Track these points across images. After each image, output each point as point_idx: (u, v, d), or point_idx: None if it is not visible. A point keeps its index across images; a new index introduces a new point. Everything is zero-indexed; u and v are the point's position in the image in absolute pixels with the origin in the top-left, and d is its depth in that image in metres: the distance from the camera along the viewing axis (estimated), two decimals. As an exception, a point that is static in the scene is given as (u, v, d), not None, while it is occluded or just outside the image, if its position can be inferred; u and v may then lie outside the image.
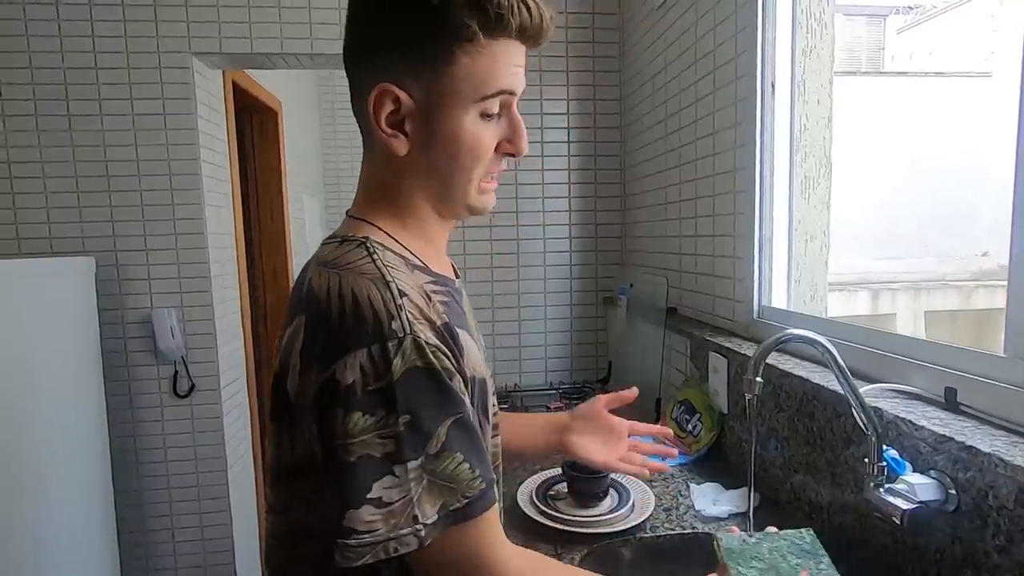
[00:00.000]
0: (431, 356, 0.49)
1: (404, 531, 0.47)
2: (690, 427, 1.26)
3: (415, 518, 0.47)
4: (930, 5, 6.73)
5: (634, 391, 0.89)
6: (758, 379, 0.67)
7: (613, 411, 0.88)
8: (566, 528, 0.95)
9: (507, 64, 0.54)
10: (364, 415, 0.47)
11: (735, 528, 0.75)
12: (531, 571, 0.56)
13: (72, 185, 1.74)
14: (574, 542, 0.93)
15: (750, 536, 0.68)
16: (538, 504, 1.00)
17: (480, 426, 0.56)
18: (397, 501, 0.47)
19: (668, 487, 1.12)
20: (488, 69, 0.53)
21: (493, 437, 0.64)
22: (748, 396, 0.67)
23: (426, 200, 0.60)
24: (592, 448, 0.84)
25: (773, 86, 1.15)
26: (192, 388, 1.83)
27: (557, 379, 1.99)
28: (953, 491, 0.64)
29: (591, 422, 0.86)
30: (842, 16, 7.36)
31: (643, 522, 0.97)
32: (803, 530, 0.67)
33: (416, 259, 0.58)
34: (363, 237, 0.56)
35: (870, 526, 0.78)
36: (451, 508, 0.49)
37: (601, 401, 0.87)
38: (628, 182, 1.94)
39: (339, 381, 0.48)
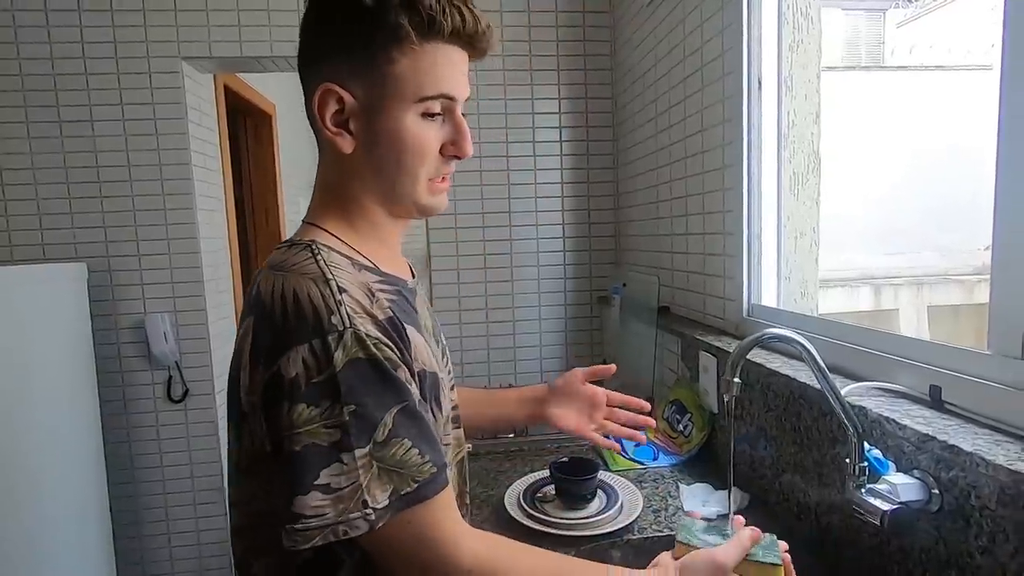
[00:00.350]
0: (372, 347, 0.51)
1: (354, 515, 0.49)
2: (681, 427, 1.25)
3: (365, 503, 0.49)
4: (929, -2, 6.70)
5: (612, 367, 0.93)
6: (736, 379, 0.66)
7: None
8: (554, 531, 0.94)
9: (446, 67, 0.57)
10: (308, 407, 0.49)
11: (696, 512, 0.76)
12: (486, 551, 0.56)
13: (64, 191, 1.75)
14: (562, 545, 0.92)
15: (711, 523, 0.71)
16: (525, 507, 0.99)
17: (433, 416, 0.59)
18: (346, 487, 0.49)
19: (658, 488, 1.11)
20: (426, 71, 0.56)
21: (456, 429, 0.68)
22: (726, 397, 0.66)
23: (375, 201, 0.62)
24: (568, 418, 0.88)
25: (760, 82, 1.14)
26: (186, 393, 1.83)
27: (552, 378, 1.97)
28: (936, 491, 0.63)
29: (568, 393, 0.89)
30: (841, 11, 7.34)
31: (631, 523, 0.96)
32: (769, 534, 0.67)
33: (365, 260, 0.60)
34: (309, 240, 0.58)
35: (856, 527, 0.77)
36: (402, 493, 0.51)
37: (579, 373, 0.90)
38: (621, 180, 1.93)
39: (283, 376, 0.50)
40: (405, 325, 0.57)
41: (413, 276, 0.71)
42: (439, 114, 0.59)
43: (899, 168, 5.47)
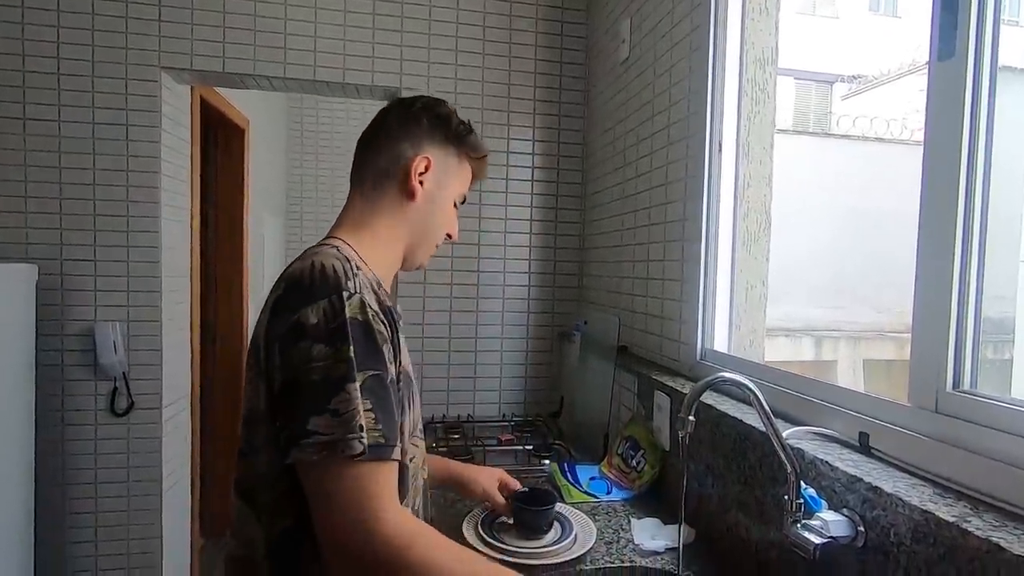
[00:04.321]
0: (370, 315, 0.65)
1: (351, 436, 0.60)
2: (634, 463, 1.30)
3: (360, 427, 0.60)
4: (871, 76, 7.32)
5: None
6: (690, 418, 0.72)
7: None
8: (510, 559, 0.96)
9: (471, 181, 0.89)
10: (325, 346, 0.62)
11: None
12: (410, 533, 0.61)
13: (20, 190, 1.69)
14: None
15: None
16: (483, 535, 1.01)
17: (402, 407, 0.71)
18: (345, 412, 0.60)
19: (610, 521, 1.15)
20: (466, 179, 0.88)
21: (422, 442, 0.83)
22: (680, 433, 0.71)
23: (403, 243, 0.83)
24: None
25: (720, 145, 1.24)
26: (131, 406, 1.76)
27: (511, 411, 2.00)
28: (862, 528, 0.69)
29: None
30: (794, 80, 7.91)
31: (584, 554, 0.99)
32: None
33: (376, 278, 0.76)
34: (335, 243, 0.74)
35: (792, 561, 0.83)
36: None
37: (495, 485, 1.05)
38: (587, 223, 2.02)
39: (304, 323, 0.63)
40: (398, 324, 0.72)
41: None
42: (458, 206, 0.87)
43: (843, 228, 5.87)
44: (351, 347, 0.61)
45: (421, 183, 0.80)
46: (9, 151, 1.68)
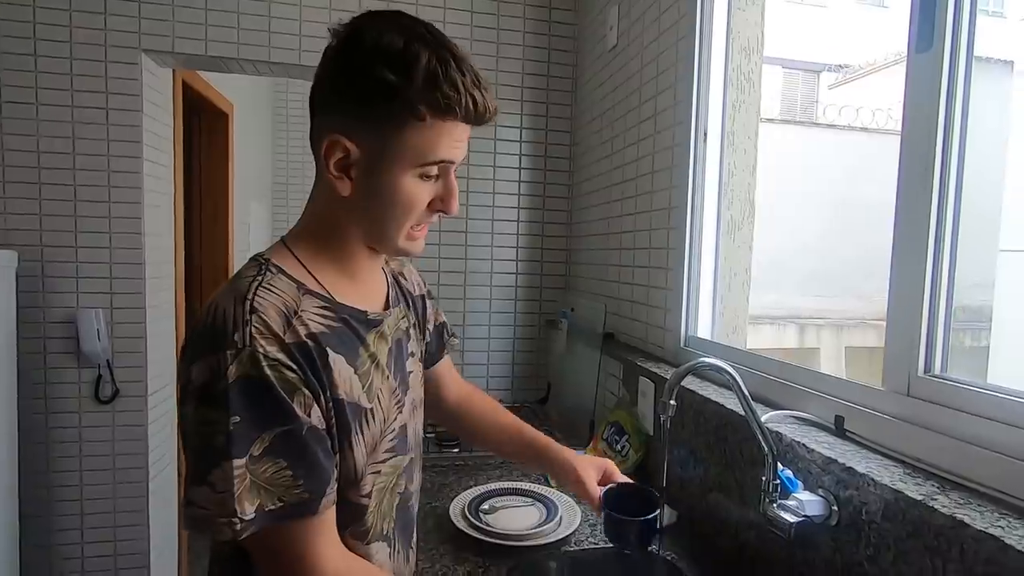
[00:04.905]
0: (266, 368, 0.56)
1: (222, 520, 0.54)
2: (619, 447, 1.33)
3: (234, 511, 0.54)
4: (857, 66, 7.37)
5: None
6: (672, 402, 0.73)
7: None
8: (494, 541, 0.98)
9: (450, 139, 0.62)
10: (208, 410, 0.55)
11: None
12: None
13: (-2, 174, 1.65)
14: (501, 554, 0.96)
15: None
16: (469, 517, 1.03)
17: (343, 443, 0.62)
18: (223, 492, 0.54)
19: (595, 504, 1.17)
20: (431, 142, 0.61)
21: (393, 457, 0.70)
22: (662, 417, 0.73)
23: (358, 238, 0.68)
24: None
25: (706, 134, 1.25)
26: (116, 394, 1.75)
27: (498, 398, 2.01)
28: (835, 507, 0.72)
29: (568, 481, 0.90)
30: (781, 68, 7.94)
31: (568, 536, 1.01)
32: None
33: (318, 287, 0.65)
34: (266, 259, 0.64)
35: (769, 541, 0.85)
36: (267, 508, 0.55)
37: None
38: (575, 211, 2.03)
39: (190, 380, 0.56)
40: (329, 352, 0.61)
41: (388, 308, 0.74)
42: (435, 176, 0.64)
43: (827, 217, 5.95)
44: (232, 417, 0.54)
45: (346, 174, 0.62)
46: (-15, 135, 1.64)
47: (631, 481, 0.90)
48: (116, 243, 1.73)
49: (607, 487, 0.87)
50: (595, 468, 0.89)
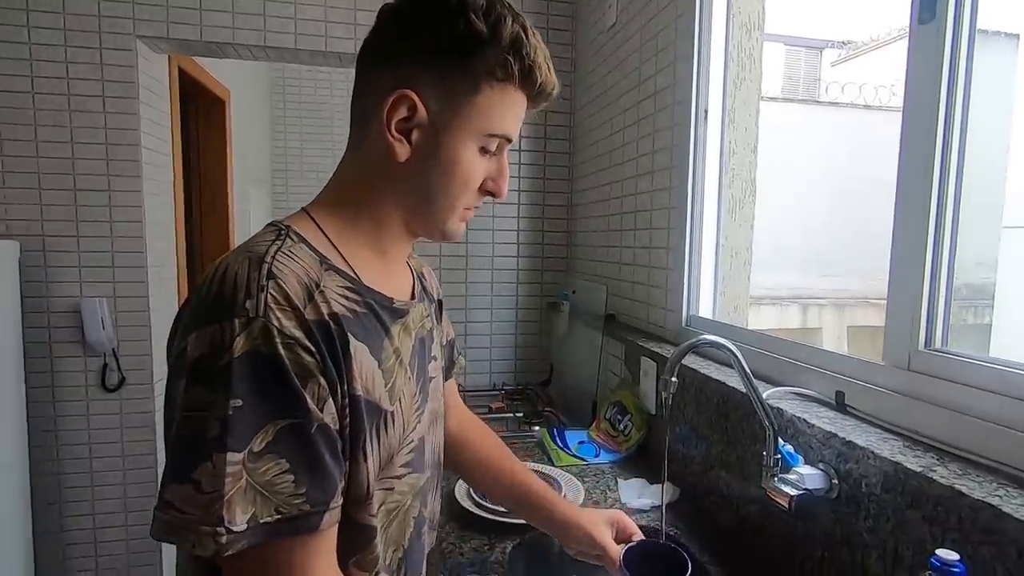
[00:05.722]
0: (279, 345, 0.46)
1: (205, 529, 0.43)
2: (622, 427, 1.34)
3: (221, 519, 0.43)
4: (860, 42, 7.27)
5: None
6: (673, 379, 0.74)
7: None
8: (499, 519, 0.99)
9: (515, 113, 0.58)
10: (203, 390, 0.45)
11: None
12: None
13: (-3, 165, 1.65)
14: (506, 532, 0.98)
15: None
16: (474, 496, 1.04)
17: (356, 451, 0.53)
18: (210, 493, 0.44)
19: (598, 482, 1.19)
20: (501, 112, 0.56)
21: (410, 474, 0.60)
22: (664, 394, 0.73)
23: (400, 214, 0.60)
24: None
25: (706, 112, 1.24)
26: (122, 382, 1.76)
27: (501, 380, 2.04)
28: (836, 480, 0.73)
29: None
30: (783, 45, 7.83)
31: (572, 514, 1.02)
32: None
33: (342, 264, 0.56)
34: (286, 225, 0.56)
35: (770, 515, 0.87)
36: (261, 521, 0.45)
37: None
38: (575, 192, 2.02)
39: (187, 353, 0.46)
40: (351, 338, 0.52)
41: (414, 298, 0.66)
42: (493, 152, 0.59)
43: (829, 196, 5.91)
44: (232, 400, 0.44)
45: (406, 138, 0.55)
46: (-18, 124, 1.64)
47: (652, 540, 0.78)
48: (117, 231, 1.73)
49: (627, 546, 0.74)
50: (607, 523, 0.78)
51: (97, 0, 1.67)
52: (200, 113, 2.55)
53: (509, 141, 0.59)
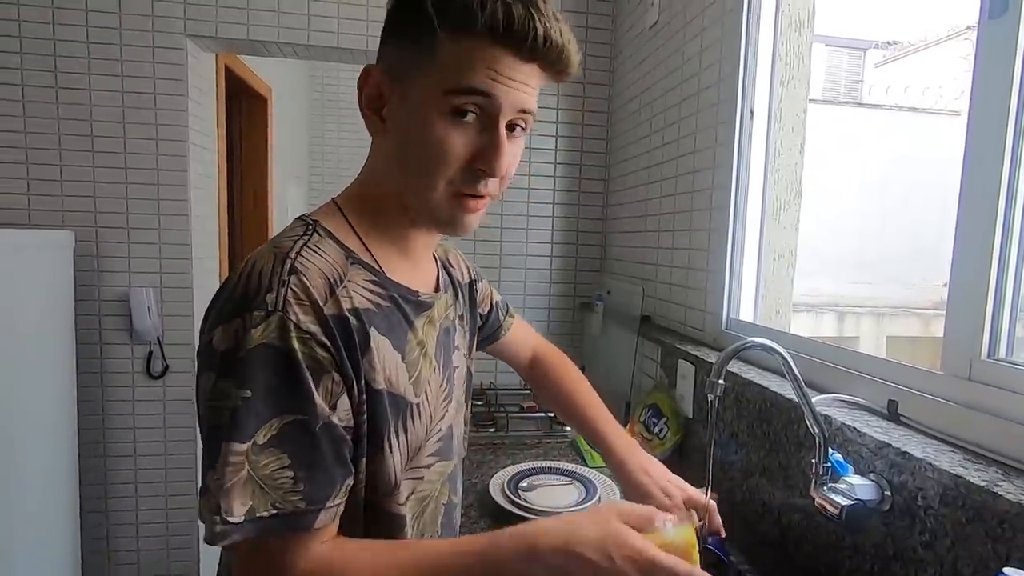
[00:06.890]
0: (294, 340, 0.47)
1: (206, 516, 0.46)
2: (656, 430, 1.32)
3: (218, 507, 0.45)
4: (907, 43, 7.02)
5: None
6: (720, 381, 0.72)
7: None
8: (532, 517, 0.99)
9: (484, 65, 0.51)
10: (223, 381, 0.47)
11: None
12: None
13: (55, 158, 1.73)
14: (541, 532, 0.97)
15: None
16: (509, 494, 1.04)
17: (373, 445, 0.54)
18: (216, 481, 0.46)
19: (632, 485, 1.17)
20: (457, 63, 0.51)
21: (439, 463, 0.62)
22: (710, 397, 0.72)
23: (397, 200, 0.58)
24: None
25: (752, 112, 1.22)
26: (166, 369, 1.82)
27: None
28: (888, 492, 0.70)
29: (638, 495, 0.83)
30: (824, 46, 7.62)
31: (607, 516, 1.01)
32: None
33: (371, 258, 0.58)
34: (314, 220, 0.57)
35: (815, 525, 0.84)
36: (257, 515, 0.46)
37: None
38: (611, 192, 2.00)
39: (213, 346, 0.48)
40: (372, 332, 0.53)
41: (438, 289, 0.67)
42: (471, 113, 0.52)
43: (870, 202, 5.73)
44: (242, 390, 0.46)
45: (378, 114, 0.56)
46: (43, 120, 1.71)
47: None
48: (164, 224, 1.79)
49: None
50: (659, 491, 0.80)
51: (151, 1, 1.73)
52: (243, 110, 2.63)
53: (487, 97, 0.51)
